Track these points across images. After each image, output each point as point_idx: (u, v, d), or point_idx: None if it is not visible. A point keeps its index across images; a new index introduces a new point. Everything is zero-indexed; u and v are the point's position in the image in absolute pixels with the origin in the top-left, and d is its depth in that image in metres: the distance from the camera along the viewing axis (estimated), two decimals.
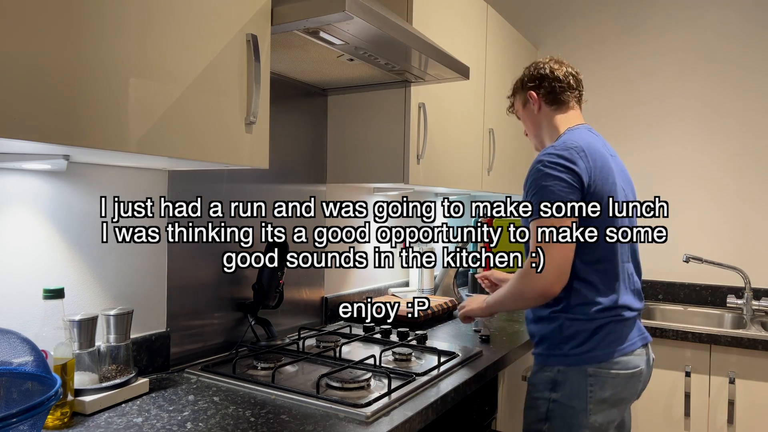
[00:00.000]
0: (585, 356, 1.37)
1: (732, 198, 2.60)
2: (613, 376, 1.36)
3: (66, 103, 0.82)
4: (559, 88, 1.53)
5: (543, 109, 1.56)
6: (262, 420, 1.08)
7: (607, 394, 1.36)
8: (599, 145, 1.44)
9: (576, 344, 1.38)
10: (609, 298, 1.38)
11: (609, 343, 1.37)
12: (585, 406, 1.36)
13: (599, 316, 1.38)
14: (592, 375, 1.36)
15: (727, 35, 2.61)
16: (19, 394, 0.85)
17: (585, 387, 1.36)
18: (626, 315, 1.40)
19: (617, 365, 1.37)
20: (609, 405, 1.37)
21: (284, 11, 1.23)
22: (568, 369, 1.38)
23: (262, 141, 1.20)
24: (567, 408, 1.37)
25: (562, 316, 1.40)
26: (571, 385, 1.37)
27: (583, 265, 1.38)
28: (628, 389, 1.39)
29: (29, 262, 1.14)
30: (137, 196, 1.35)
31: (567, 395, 1.38)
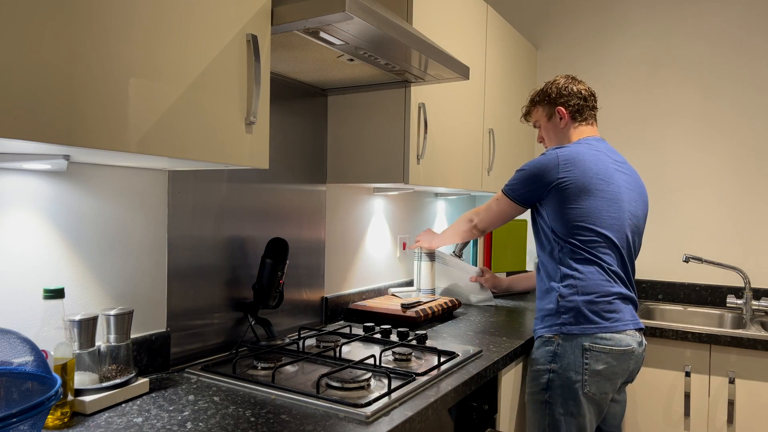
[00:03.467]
0: (579, 327, 1.57)
1: (732, 198, 2.60)
2: (607, 351, 1.56)
3: (66, 103, 0.82)
4: (584, 106, 1.77)
5: (568, 124, 1.78)
6: (262, 420, 1.08)
7: (600, 367, 1.56)
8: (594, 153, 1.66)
9: (572, 316, 1.59)
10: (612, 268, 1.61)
11: (605, 319, 1.58)
12: (581, 377, 1.56)
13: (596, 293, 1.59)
14: (588, 349, 1.56)
15: (728, 36, 2.61)
16: (19, 394, 0.85)
17: (581, 360, 1.56)
18: (624, 292, 1.62)
19: (610, 341, 1.56)
20: (602, 377, 1.56)
21: (284, 11, 1.23)
22: (565, 343, 1.58)
23: (262, 141, 1.20)
24: (564, 378, 1.57)
25: (559, 286, 1.63)
26: (569, 357, 1.57)
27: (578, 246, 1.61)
28: (621, 365, 1.58)
29: (29, 262, 1.14)
30: (137, 196, 1.35)
31: (565, 367, 1.57)
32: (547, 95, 1.80)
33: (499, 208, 1.76)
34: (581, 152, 1.64)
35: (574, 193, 1.60)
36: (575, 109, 1.76)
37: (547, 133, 1.84)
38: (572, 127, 1.78)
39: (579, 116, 1.77)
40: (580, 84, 1.79)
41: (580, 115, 1.77)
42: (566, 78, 1.80)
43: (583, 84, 1.79)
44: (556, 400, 1.58)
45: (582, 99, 1.76)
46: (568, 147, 1.67)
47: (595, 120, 1.80)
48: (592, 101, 1.79)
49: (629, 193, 1.69)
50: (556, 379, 1.58)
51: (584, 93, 1.77)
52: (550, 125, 1.82)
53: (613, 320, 1.57)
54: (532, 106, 1.86)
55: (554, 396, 1.58)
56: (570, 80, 1.79)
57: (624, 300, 1.62)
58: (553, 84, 1.80)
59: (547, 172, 1.63)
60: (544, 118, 1.83)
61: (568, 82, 1.78)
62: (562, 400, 1.57)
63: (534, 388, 1.63)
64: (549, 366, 1.60)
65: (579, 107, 1.76)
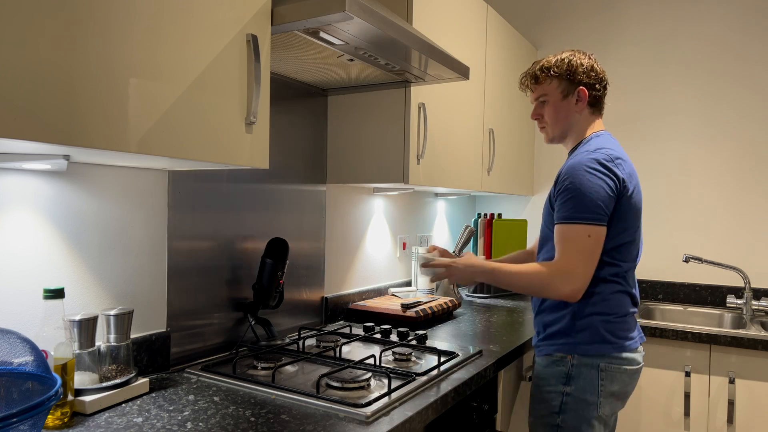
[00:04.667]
0: (596, 347, 1.44)
1: (732, 198, 2.60)
2: (623, 371, 1.45)
3: (66, 103, 0.82)
4: (603, 94, 1.57)
5: (585, 109, 1.55)
6: (262, 420, 1.08)
7: (616, 388, 1.45)
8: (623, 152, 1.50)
9: (588, 336, 1.45)
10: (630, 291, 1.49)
11: (621, 338, 1.45)
12: (596, 399, 1.44)
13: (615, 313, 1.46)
14: (604, 370, 1.44)
15: (730, 32, 2.61)
16: (20, 394, 0.85)
17: (597, 381, 1.43)
18: (634, 311, 1.51)
19: (626, 361, 1.45)
20: (615, 398, 1.46)
21: (284, 11, 1.23)
22: (581, 363, 1.45)
23: (262, 141, 1.20)
24: (580, 401, 1.44)
25: (575, 304, 1.46)
26: (584, 378, 1.44)
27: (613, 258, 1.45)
28: (632, 383, 1.48)
29: (29, 262, 1.14)
30: (137, 196, 1.35)
31: (581, 389, 1.44)
32: (571, 70, 1.51)
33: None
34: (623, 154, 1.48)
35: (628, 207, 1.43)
36: (597, 95, 1.54)
37: (556, 113, 1.55)
38: (587, 115, 1.55)
39: (597, 104, 1.56)
40: (601, 69, 1.56)
41: (597, 103, 1.56)
42: (589, 57, 1.54)
43: (602, 70, 1.56)
44: (569, 424, 1.45)
45: (604, 88, 1.55)
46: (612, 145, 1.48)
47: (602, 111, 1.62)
48: (606, 90, 1.58)
49: None
50: (570, 402, 1.44)
51: (606, 81, 1.55)
52: (563, 105, 1.54)
53: (628, 339, 1.46)
54: (546, 77, 1.54)
55: (567, 419, 1.45)
56: (595, 61, 1.55)
57: (634, 316, 1.52)
58: (577, 58, 1.53)
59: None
60: (558, 95, 1.54)
61: (594, 63, 1.54)
62: (575, 424, 1.45)
63: (543, 411, 1.49)
64: (562, 388, 1.46)
65: (599, 96, 1.55)
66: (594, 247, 1.38)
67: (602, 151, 1.42)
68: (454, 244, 3.02)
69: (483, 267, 1.50)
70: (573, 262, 1.37)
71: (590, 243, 1.37)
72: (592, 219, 1.37)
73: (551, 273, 1.38)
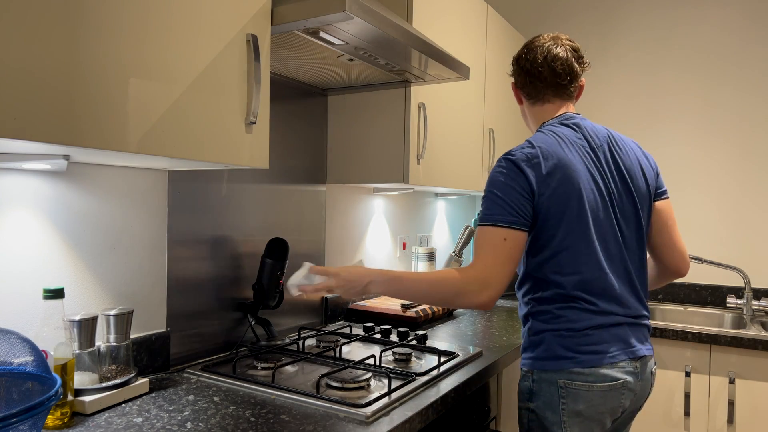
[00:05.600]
0: (552, 362, 1.29)
1: (732, 198, 2.60)
2: (587, 388, 1.26)
3: (66, 103, 0.82)
4: (530, 83, 1.41)
5: (525, 102, 1.47)
6: (262, 420, 1.08)
7: (581, 407, 1.27)
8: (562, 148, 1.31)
9: (543, 350, 1.31)
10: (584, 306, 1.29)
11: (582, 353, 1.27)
12: (558, 419, 1.29)
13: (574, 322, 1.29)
14: (564, 387, 1.28)
15: (728, 35, 2.61)
16: (19, 394, 0.85)
17: (557, 399, 1.29)
18: (608, 321, 1.29)
19: (590, 377, 1.26)
20: (586, 418, 1.28)
21: (284, 11, 1.23)
22: (540, 379, 1.31)
23: (262, 141, 1.20)
24: (542, 419, 1.31)
25: (531, 319, 1.35)
26: (545, 396, 1.30)
27: (550, 272, 1.30)
28: (607, 403, 1.27)
29: (29, 262, 1.14)
30: (137, 196, 1.35)
31: (542, 406, 1.31)
32: (513, 60, 1.46)
33: None
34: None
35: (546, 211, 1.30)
36: (524, 83, 1.43)
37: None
38: (529, 107, 1.46)
39: (530, 94, 1.43)
40: (550, 50, 1.37)
41: (536, 92, 1.42)
42: (539, 42, 1.40)
43: (555, 49, 1.37)
44: None
45: (528, 74, 1.40)
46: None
47: (556, 96, 1.41)
48: (547, 74, 1.38)
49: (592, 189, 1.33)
50: (534, 419, 1.33)
51: (529, 66, 1.39)
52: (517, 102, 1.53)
53: (593, 353, 1.27)
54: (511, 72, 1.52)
55: None
56: (538, 45, 1.39)
57: (612, 328, 1.29)
58: (522, 47, 1.44)
59: None
60: None
61: (530, 48, 1.40)
62: None
63: (519, 426, 1.40)
64: (527, 404, 1.34)
65: (533, 83, 1.41)
66: (512, 251, 1.24)
67: (519, 150, 1.30)
68: (454, 244, 3.02)
69: (374, 277, 1.28)
70: (487, 266, 1.23)
71: (507, 247, 1.24)
72: (506, 222, 1.24)
73: (466, 280, 1.23)
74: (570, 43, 1.40)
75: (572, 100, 1.44)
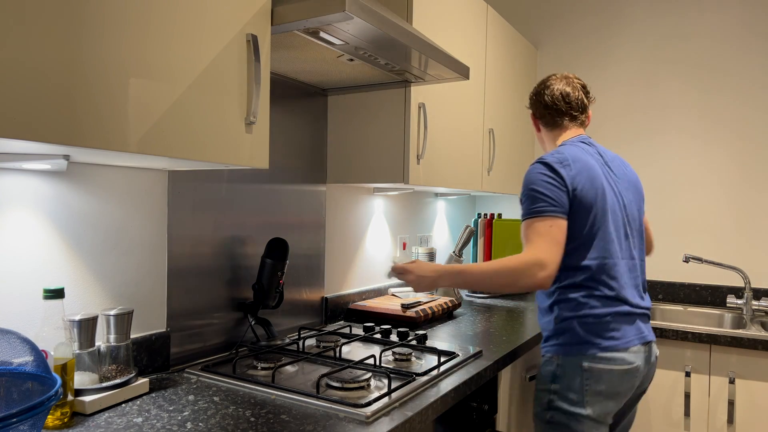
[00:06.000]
0: (577, 347, 1.48)
1: (732, 198, 2.60)
2: (608, 371, 1.46)
3: (66, 103, 0.82)
4: (549, 114, 1.68)
5: (542, 130, 1.73)
6: (262, 420, 1.08)
7: (602, 387, 1.46)
8: (583, 154, 1.55)
9: (570, 336, 1.49)
10: (605, 293, 1.49)
11: (604, 338, 1.47)
12: (581, 398, 1.47)
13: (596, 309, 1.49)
14: (587, 370, 1.46)
15: (728, 37, 2.61)
16: (19, 394, 0.85)
17: (581, 380, 1.47)
18: (623, 310, 1.49)
19: (612, 361, 1.46)
20: (605, 397, 1.47)
21: (284, 11, 1.23)
22: (565, 363, 1.49)
23: (262, 141, 1.20)
24: (565, 399, 1.49)
25: (556, 308, 1.53)
26: (569, 378, 1.49)
27: (578, 259, 1.49)
28: (624, 383, 1.48)
29: (29, 262, 1.14)
30: (137, 196, 1.35)
31: (565, 387, 1.49)
32: (530, 97, 1.73)
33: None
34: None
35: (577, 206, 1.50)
36: (542, 115, 1.69)
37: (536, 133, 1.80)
38: (548, 133, 1.71)
39: (548, 123, 1.69)
40: (564, 88, 1.65)
41: (552, 122, 1.68)
42: (553, 79, 1.68)
43: (567, 88, 1.65)
44: (557, 420, 1.51)
45: (546, 108, 1.66)
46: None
47: (572, 121, 1.67)
48: (563, 107, 1.64)
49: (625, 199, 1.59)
50: (556, 400, 1.50)
51: (548, 101, 1.65)
52: (534, 130, 1.82)
53: (613, 339, 1.47)
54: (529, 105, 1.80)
55: (557, 416, 1.51)
56: (554, 81, 1.67)
57: (625, 316, 1.50)
58: (536, 86, 1.72)
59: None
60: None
61: (542, 88, 1.68)
62: (565, 420, 1.49)
63: (537, 407, 1.57)
64: (550, 386, 1.52)
65: (544, 115, 1.68)
66: (558, 236, 1.43)
67: (550, 156, 1.53)
68: (454, 244, 3.02)
69: (444, 270, 1.49)
70: (541, 249, 1.41)
71: (554, 232, 1.43)
72: (550, 212, 1.44)
73: (523, 262, 1.41)
74: (579, 81, 1.68)
75: (583, 127, 1.71)
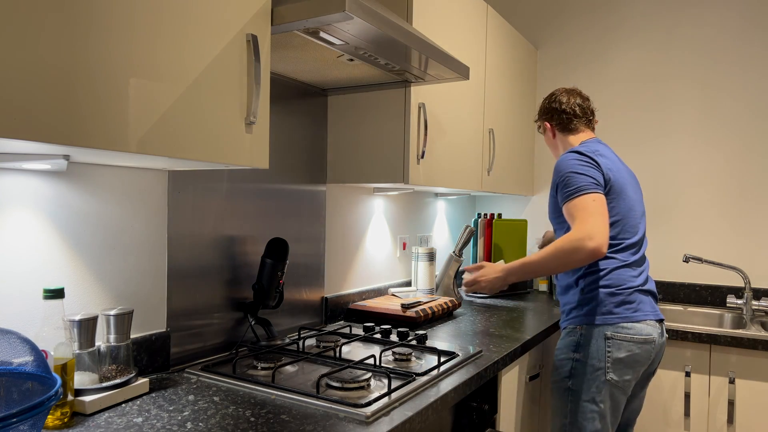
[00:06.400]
0: (601, 317, 1.64)
1: (732, 198, 2.60)
2: (629, 339, 1.62)
3: (66, 103, 0.82)
4: (566, 119, 1.87)
5: (557, 135, 1.92)
6: (262, 420, 1.08)
7: (622, 355, 1.62)
8: (608, 151, 1.77)
9: (594, 307, 1.66)
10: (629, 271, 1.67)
11: (627, 309, 1.64)
12: (603, 365, 1.62)
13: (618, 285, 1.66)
14: (610, 338, 1.62)
15: (728, 38, 2.61)
16: (19, 394, 0.85)
17: (604, 348, 1.62)
18: (644, 287, 1.68)
19: (632, 330, 1.63)
20: (625, 365, 1.62)
21: (284, 11, 1.23)
22: (589, 333, 1.65)
23: (262, 141, 1.20)
24: (587, 366, 1.64)
25: (581, 281, 1.70)
26: (592, 346, 1.64)
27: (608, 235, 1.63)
28: (642, 353, 1.63)
29: (29, 262, 1.14)
30: (137, 196, 1.35)
31: (588, 355, 1.64)
32: (540, 112, 1.96)
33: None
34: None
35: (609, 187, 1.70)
36: (558, 122, 1.89)
37: (546, 142, 2.00)
38: (563, 138, 1.90)
39: (564, 128, 1.89)
40: (570, 98, 1.87)
41: (564, 127, 1.89)
42: (560, 91, 1.92)
43: (573, 97, 1.87)
44: (579, 387, 1.65)
45: (564, 113, 1.87)
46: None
47: (586, 126, 1.89)
48: (579, 112, 1.86)
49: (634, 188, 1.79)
50: (579, 367, 1.65)
51: (566, 108, 1.86)
52: (544, 137, 1.99)
53: (634, 310, 1.64)
54: (538, 119, 2.01)
55: (577, 383, 1.65)
56: (562, 93, 1.90)
57: (643, 293, 1.68)
58: (547, 97, 1.94)
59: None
60: (542, 131, 1.99)
61: (555, 97, 1.90)
62: (585, 387, 1.63)
63: (557, 376, 1.71)
64: (572, 355, 1.67)
65: (561, 120, 1.88)
66: (601, 208, 1.56)
67: (579, 146, 1.74)
68: (454, 244, 3.02)
69: (510, 267, 1.68)
70: (588, 222, 1.53)
71: (597, 205, 1.56)
72: (590, 189, 1.60)
73: (574, 238, 1.53)
74: (582, 93, 1.92)
75: (594, 131, 1.97)
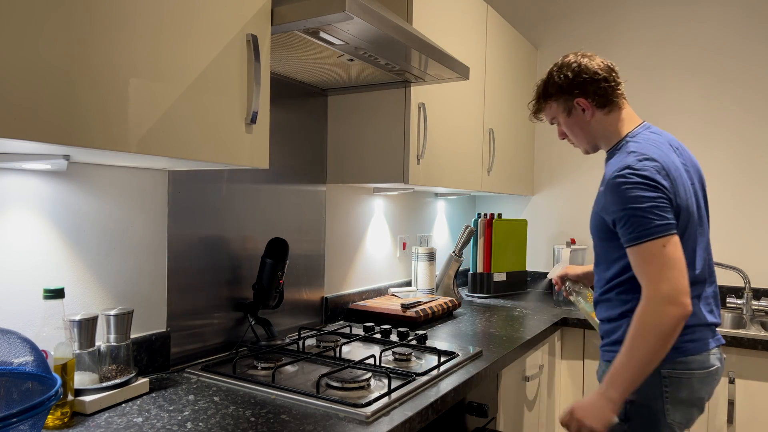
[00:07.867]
0: None
1: (732, 198, 2.60)
2: (688, 376, 1.34)
3: (66, 103, 0.82)
4: (608, 89, 1.44)
5: (597, 114, 1.46)
6: (262, 420, 1.08)
7: (683, 394, 1.34)
8: (668, 151, 1.37)
9: None
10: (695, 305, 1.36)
11: (683, 341, 1.34)
12: (662, 406, 1.34)
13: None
14: (667, 376, 1.34)
15: (729, 40, 2.61)
16: (20, 394, 0.85)
17: (660, 388, 1.34)
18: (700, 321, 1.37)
19: (692, 364, 1.34)
20: (687, 405, 1.36)
21: (284, 11, 1.23)
22: None
23: (262, 141, 1.20)
24: (644, 408, 1.35)
25: (629, 315, 1.38)
26: (646, 386, 1.34)
27: None
28: (704, 388, 1.37)
29: (29, 261, 1.14)
30: (137, 196, 1.35)
31: (644, 397, 1.35)
32: (562, 87, 1.46)
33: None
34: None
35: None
36: (598, 95, 1.43)
37: (572, 130, 1.51)
38: (603, 117, 1.46)
39: (605, 103, 1.44)
40: (593, 60, 1.45)
41: (607, 101, 1.44)
42: (575, 56, 1.47)
43: (596, 58, 1.46)
44: (637, 431, 1.37)
45: (602, 80, 1.43)
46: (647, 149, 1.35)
47: (625, 98, 1.48)
48: (614, 77, 1.45)
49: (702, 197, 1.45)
50: (634, 410, 1.36)
51: (602, 71, 1.43)
52: (572, 121, 1.49)
53: (691, 342, 1.35)
54: (543, 102, 1.52)
55: (634, 427, 1.37)
56: (580, 58, 1.46)
57: (702, 326, 1.38)
58: (561, 69, 1.47)
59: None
60: (563, 115, 1.50)
61: (579, 61, 1.45)
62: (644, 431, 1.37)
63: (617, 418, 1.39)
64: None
65: (603, 91, 1.43)
66: (674, 253, 1.26)
67: (642, 164, 1.32)
68: (454, 244, 3.02)
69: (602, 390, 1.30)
70: (661, 281, 1.25)
71: (669, 252, 1.26)
72: (660, 231, 1.26)
73: (651, 310, 1.26)
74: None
75: None
